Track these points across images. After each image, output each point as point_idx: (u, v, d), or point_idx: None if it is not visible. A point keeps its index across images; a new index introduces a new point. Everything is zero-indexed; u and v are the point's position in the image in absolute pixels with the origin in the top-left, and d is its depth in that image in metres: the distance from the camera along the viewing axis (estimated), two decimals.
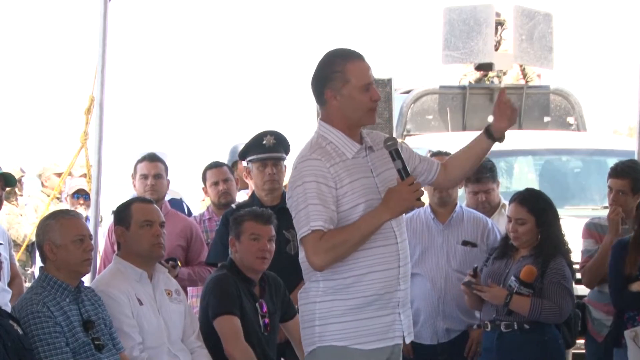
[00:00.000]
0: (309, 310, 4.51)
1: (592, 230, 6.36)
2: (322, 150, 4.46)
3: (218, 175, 7.37)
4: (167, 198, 7.69)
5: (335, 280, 4.44)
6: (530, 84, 10.65)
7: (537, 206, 5.83)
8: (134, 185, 6.99)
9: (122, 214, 5.50)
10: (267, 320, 5.69)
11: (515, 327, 5.76)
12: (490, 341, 5.84)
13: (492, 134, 4.69)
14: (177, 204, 8.00)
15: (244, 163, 6.43)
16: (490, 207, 6.75)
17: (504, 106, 4.65)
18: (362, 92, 4.46)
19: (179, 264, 6.38)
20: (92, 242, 5.32)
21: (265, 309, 5.70)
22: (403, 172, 4.40)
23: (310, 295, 4.50)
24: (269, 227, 5.68)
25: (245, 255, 5.69)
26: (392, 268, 4.48)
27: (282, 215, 5.71)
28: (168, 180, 7.04)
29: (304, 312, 4.55)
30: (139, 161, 6.93)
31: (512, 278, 5.73)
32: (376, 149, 4.56)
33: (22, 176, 9.20)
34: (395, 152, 4.43)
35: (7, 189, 6.81)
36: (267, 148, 6.14)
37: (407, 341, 4.56)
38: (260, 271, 5.73)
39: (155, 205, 5.63)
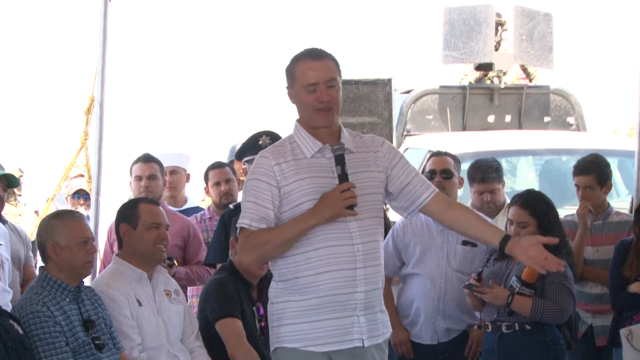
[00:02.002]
0: (270, 311, 4.56)
1: (566, 227, 6.39)
2: (277, 149, 4.51)
3: (220, 175, 7.36)
4: (190, 205, 7.67)
5: (289, 281, 4.45)
6: (534, 82, 10.63)
7: (538, 209, 5.83)
8: (131, 186, 7.00)
9: (129, 212, 5.49)
10: (263, 324, 5.68)
11: (517, 327, 5.75)
12: (491, 342, 5.84)
13: (504, 250, 4.46)
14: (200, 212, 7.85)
15: (243, 164, 6.42)
16: (495, 207, 6.78)
17: (542, 258, 4.38)
18: (306, 92, 4.44)
19: (176, 263, 6.37)
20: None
21: (262, 312, 5.70)
22: (341, 178, 4.37)
23: (271, 295, 4.55)
24: None
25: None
26: (346, 269, 4.41)
27: None
28: (165, 180, 7.03)
29: (268, 312, 4.60)
30: (134, 162, 6.94)
31: (514, 278, 5.72)
32: (356, 152, 4.52)
33: (21, 176, 9.19)
34: (338, 158, 4.40)
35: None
36: (263, 148, 6.13)
37: (366, 344, 4.48)
38: (259, 275, 5.73)
39: (161, 208, 5.63)
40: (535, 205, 5.85)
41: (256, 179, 4.44)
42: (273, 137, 6.18)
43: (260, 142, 6.14)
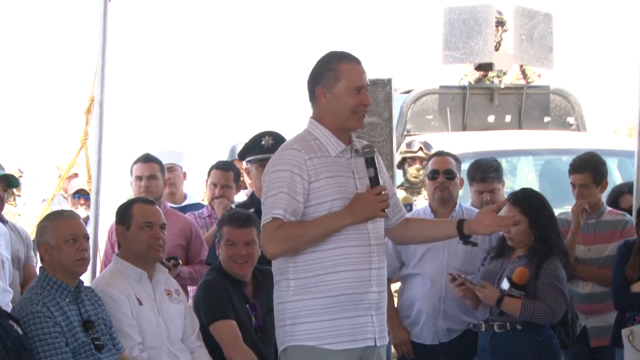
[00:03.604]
0: (281, 310, 4.56)
1: (560, 226, 6.36)
2: (305, 143, 4.51)
3: (219, 178, 7.35)
4: (189, 202, 7.66)
5: (304, 278, 4.48)
6: (531, 84, 10.64)
7: (530, 207, 5.83)
8: (132, 186, 6.99)
9: (124, 214, 5.50)
10: (259, 322, 5.67)
11: (508, 327, 5.75)
12: (485, 341, 5.84)
13: (463, 232, 4.70)
14: (200, 208, 7.83)
15: (244, 164, 6.42)
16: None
17: (497, 220, 4.70)
18: (351, 93, 4.49)
19: (180, 263, 6.37)
20: (91, 241, 5.32)
21: (256, 311, 5.68)
22: (373, 181, 4.45)
23: (282, 295, 4.54)
24: (247, 230, 5.65)
25: (223, 261, 5.70)
26: (361, 269, 4.48)
27: None
28: (166, 180, 7.02)
29: (276, 311, 4.60)
30: (134, 162, 6.94)
31: (505, 280, 5.72)
32: (362, 155, 4.59)
33: (21, 176, 9.18)
34: (369, 160, 4.48)
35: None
36: (265, 149, 6.13)
37: (378, 344, 4.55)
38: (243, 275, 5.72)
39: (156, 207, 5.62)
40: (526, 203, 5.84)
41: (289, 170, 4.44)
42: (276, 137, 6.17)
43: (263, 143, 6.13)
